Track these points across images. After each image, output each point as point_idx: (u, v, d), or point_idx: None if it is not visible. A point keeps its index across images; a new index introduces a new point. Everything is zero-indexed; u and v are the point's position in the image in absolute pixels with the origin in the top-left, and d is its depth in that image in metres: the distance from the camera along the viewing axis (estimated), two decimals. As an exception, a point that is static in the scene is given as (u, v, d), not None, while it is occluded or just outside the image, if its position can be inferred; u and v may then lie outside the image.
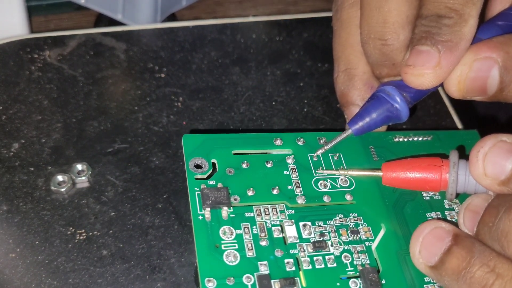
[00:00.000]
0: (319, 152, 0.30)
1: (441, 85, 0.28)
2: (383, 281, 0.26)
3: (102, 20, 0.83)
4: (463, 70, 0.27)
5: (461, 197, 0.29)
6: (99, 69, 0.39)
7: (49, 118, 0.35)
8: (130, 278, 0.29)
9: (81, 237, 0.30)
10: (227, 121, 0.37)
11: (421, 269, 0.26)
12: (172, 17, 0.81)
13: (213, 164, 0.29)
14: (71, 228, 0.30)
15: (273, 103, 0.38)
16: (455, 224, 0.26)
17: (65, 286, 0.28)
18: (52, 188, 0.32)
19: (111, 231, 0.30)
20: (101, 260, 0.29)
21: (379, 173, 0.29)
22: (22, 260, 0.29)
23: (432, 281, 0.27)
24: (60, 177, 0.32)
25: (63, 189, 0.32)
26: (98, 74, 0.38)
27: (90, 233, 0.30)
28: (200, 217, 0.27)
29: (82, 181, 0.32)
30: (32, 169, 0.33)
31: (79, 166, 0.33)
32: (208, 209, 0.27)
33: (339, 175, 0.30)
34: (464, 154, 0.32)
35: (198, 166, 0.28)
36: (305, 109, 0.38)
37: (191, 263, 0.30)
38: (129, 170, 0.33)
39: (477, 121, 0.51)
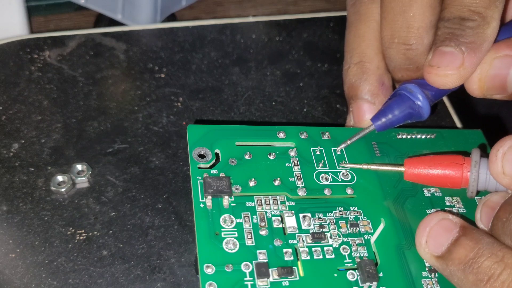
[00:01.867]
0: (342, 146, 0.30)
1: (462, 85, 0.29)
2: (381, 274, 0.27)
3: (102, 20, 0.83)
4: (483, 68, 0.28)
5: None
6: (99, 69, 0.39)
7: (49, 118, 0.35)
8: (130, 279, 0.29)
9: (81, 237, 0.30)
10: (227, 122, 0.37)
11: (426, 259, 0.26)
12: (172, 17, 0.81)
13: (217, 154, 0.29)
14: (71, 228, 0.30)
15: (273, 103, 0.38)
16: (461, 216, 0.26)
17: (65, 287, 0.28)
18: (52, 188, 0.32)
19: (111, 231, 0.31)
20: (101, 260, 0.29)
21: (401, 169, 0.30)
22: (22, 261, 0.29)
23: (429, 277, 0.27)
24: (60, 177, 0.32)
25: (63, 189, 0.32)
26: (98, 75, 0.38)
27: (90, 233, 0.30)
28: (202, 205, 0.27)
29: (82, 181, 0.32)
30: (32, 169, 0.33)
31: (79, 166, 0.33)
32: (210, 197, 0.27)
33: (362, 168, 0.30)
34: (466, 154, 0.32)
35: (202, 156, 0.29)
36: (305, 109, 0.38)
37: (191, 263, 0.30)
38: (129, 170, 0.33)
39: (477, 122, 0.51)
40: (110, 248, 0.30)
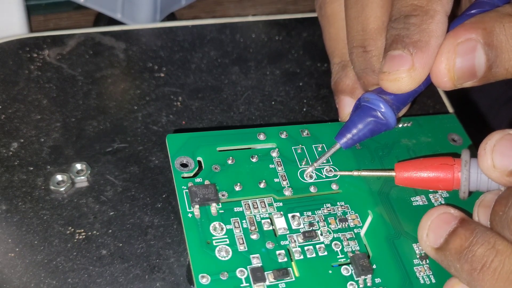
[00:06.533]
0: (309, 170, 0.30)
1: (424, 85, 0.28)
2: (374, 266, 0.27)
3: (101, 19, 0.83)
4: (449, 58, 0.27)
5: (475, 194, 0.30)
6: (99, 68, 0.39)
7: (48, 117, 0.35)
8: (129, 278, 0.29)
9: (80, 237, 0.30)
10: (227, 121, 0.37)
11: (427, 252, 0.26)
12: (171, 17, 0.81)
13: (199, 162, 0.29)
14: (70, 228, 0.30)
15: (273, 102, 0.38)
16: (463, 210, 0.26)
17: (64, 286, 0.28)
18: (51, 187, 0.32)
19: (110, 231, 0.30)
20: (100, 259, 0.29)
21: (392, 173, 0.29)
22: (21, 260, 0.29)
23: (421, 263, 0.28)
24: (59, 177, 0.32)
25: (62, 189, 0.32)
26: (98, 74, 0.38)
27: (89, 233, 0.30)
28: (190, 215, 0.27)
29: (81, 181, 0.32)
30: (31, 168, 0.33)
31: (78, 166, 0.33)
32: (197, 206, 0.27)
33: (353, 175, 0.30)
34: (446, 141, 0.33)
35: (184, 165, 0.29)
36: (304, 109, 0.38)
37: (190, 263, 0.30)
38: (128, 169, 0.33)
39: (476, 121, 0.51)
40: (110, 247, 0.30)
